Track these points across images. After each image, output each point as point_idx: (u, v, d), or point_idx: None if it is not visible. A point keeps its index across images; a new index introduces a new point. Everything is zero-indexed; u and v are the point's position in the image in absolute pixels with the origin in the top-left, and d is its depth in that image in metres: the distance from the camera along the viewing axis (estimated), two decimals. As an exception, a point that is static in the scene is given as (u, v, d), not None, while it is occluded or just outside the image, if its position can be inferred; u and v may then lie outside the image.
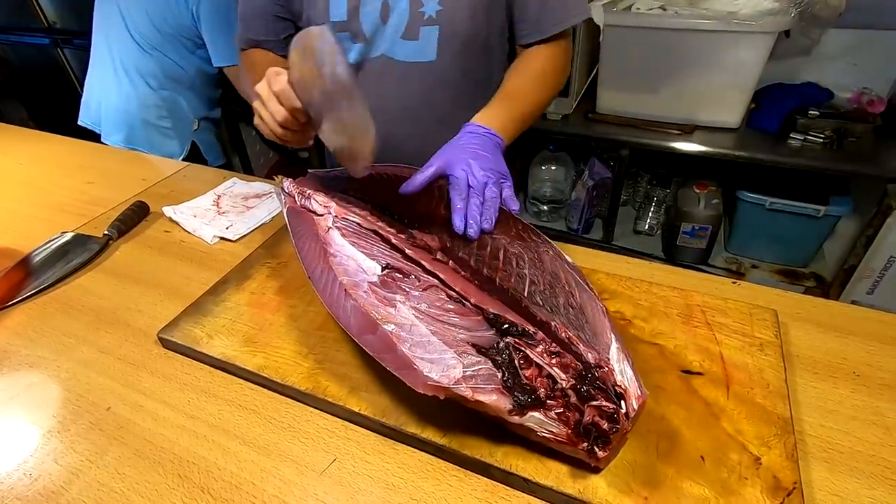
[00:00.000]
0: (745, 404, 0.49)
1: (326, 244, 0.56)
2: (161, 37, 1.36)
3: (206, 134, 1.56)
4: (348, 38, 0.79)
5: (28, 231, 0.87)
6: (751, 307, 0.60)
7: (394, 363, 0.45)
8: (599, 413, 0.40)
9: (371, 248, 0.56)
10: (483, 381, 0.42)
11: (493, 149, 0.66)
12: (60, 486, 0.48)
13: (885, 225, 1.30)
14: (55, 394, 0.58)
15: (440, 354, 0.44)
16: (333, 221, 0.60)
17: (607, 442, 0.40)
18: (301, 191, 0.67)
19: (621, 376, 0.43)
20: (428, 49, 0.78)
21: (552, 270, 0.54)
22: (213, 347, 0.59)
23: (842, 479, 0.45)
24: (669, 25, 1.32)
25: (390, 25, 0.77)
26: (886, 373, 0.54)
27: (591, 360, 0.44)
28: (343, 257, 0.54)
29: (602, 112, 1.56)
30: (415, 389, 0.43)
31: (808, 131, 1.36)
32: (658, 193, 1.74)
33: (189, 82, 1.46)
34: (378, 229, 0.59)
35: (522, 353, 0.45)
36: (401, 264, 0.54)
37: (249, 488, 0.47)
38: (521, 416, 0.42)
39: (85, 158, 1.16)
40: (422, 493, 0.45)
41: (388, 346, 0.45)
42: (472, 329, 0.47)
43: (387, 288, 0.51)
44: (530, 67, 0.79)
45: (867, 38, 1.41)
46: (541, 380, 0.43)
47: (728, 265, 1.64)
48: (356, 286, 0.51)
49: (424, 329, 0.46)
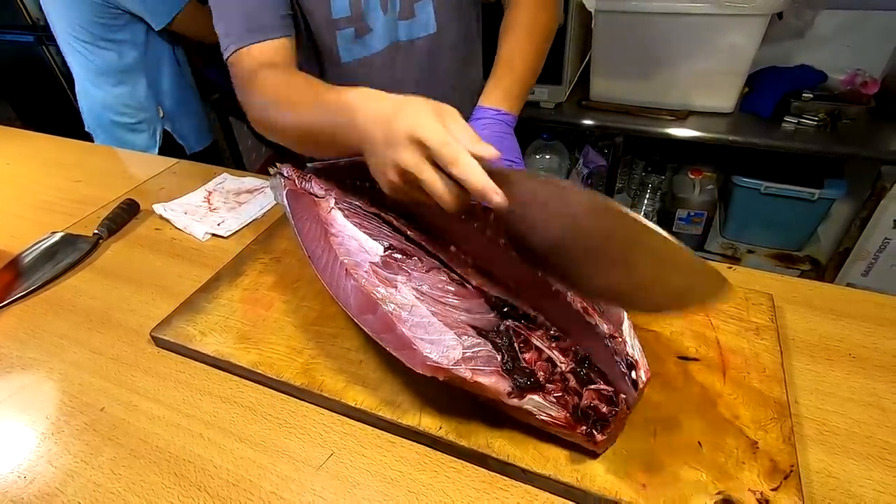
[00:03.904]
0: (741, 389, 0.49)
1: (328, 224, 0.55)
2: (90, 31, 1.30)
3: (177, 119, 1.47)
4: (353, 33, 0.76)
5: (16, 232, 0.86)
6: (746, 292, 0.60)
7: (393, 343, 0.44)
8: (598, 396, 0.40)
9: (374, 229, 0.55)
10: (482, 363, 0.42)
11: (506, 132, 0.66)
12: (55, 487, 0.48)
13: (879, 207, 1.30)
14: (48, 395, 0.57)
15: (440, 335, 0.43)
16: (335, 202, 0.59)
17: (606, 425, 0.40)
18: (301, 174, 0.66)
19: (632, 349, 0.43)
20: (428, 22, 0.78)
21: None
22: (206, 345, 0.59)
23: (839, 461, 0.45)
24: (662, 10, 1.31)
25: (390, 12, 0.76)
26: (882, 354, 0.54)
27: (606, 330, 0.44)
28: (345, 237, 0.54)
29: (595, 99, 1.55)
30: (413, 370, 0.43)
31: (801, 114, 1.36)
32: (653, 180, 1.73)
33: (138, 69, 1.37)
34: (380, 212, 0.58)
35: (523, 336, 0.44)
36: (403, 245, 0.53)
37: (246, 485, 0.47)
38: (520, 398, 0.41)
39: (73, 157, 1.14)
40: (419, 485, 0.45)
41: (387, 326, 0.45)
42: (473, 311, 0.47)
43: (388, 269, 0.50)
44: (519, 24, 0.76)
45: (860, 19, 1.40)
46: (540, 363, 0.43)
47: (724, 250, 1.64)
48: (357, 266, 0.50)
49: (425, 310, 0.45)
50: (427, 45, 0.80)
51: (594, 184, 1.72)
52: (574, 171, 1.69)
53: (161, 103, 1.44)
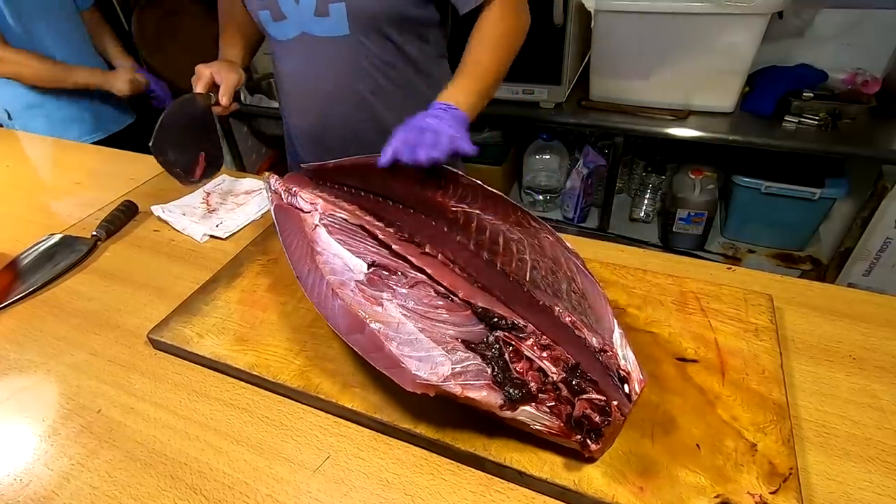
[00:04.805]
0: (740, 391, 0.49)
1: (313, 242, 0.55)
2: None
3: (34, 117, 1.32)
4: (269, 15, 0.83)
5: (15, 234, 0.86)
6: (746, 293, 0.60)
7: (383, 362, 0.44)
8: (591, 406, 0.40)
9: (357, 245, 0.55)
10: (472, 377, 0.42)
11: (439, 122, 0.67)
12: (52, 490, 0.48)
13: (880, 206, 1.30)
14: (45, 397, 0.57)
15: (428, 352, 0.43)
16: (320, 218, 0.58)
17: (599, 434, 0.40)
18: (287, 188, 0.66)
19: (624, 360, 0.43)
20: (341, 24, 0.80)
21: (553, 256, 0.54)
22: (203, 347, 0.58)
23: (838, 463, 0.45)
24: (661, 9, 1.31)
25: (303, 4, 0.79)
26: (882, 355, 0.54)
27: (596, 343, 0.44)
28: (329, 255, 0.53)
29: (595, 99, 1.54)
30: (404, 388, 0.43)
31: (802, 114, 1.35)
32: (653, 180, 1.73)
33: None
34: (365, 224, 0.58)
35: (513, 346, 0.44)
36: (387, 261, 0.53)
37: (242, 488, 0.46)
38: (513, 410, 0.41)
39: (72, 159, 1.14)
40: (416, 487, 0.45)
41: (376, 345, 0.45)
42: (460, 324, 0.47)
43: (373, 286, 0.50)
44: (485, 34, 0.79)
45: (860, 17, 1.39)
46: (532, 373, 0.43)
47: (725, 250, 1.64)
48: (343, 285, 0.50)
49: (412, 327, 0.45)
50: (340, 47, 0.83)
51: (594, 184, 1.71)
52: (574, 171, 1.68)
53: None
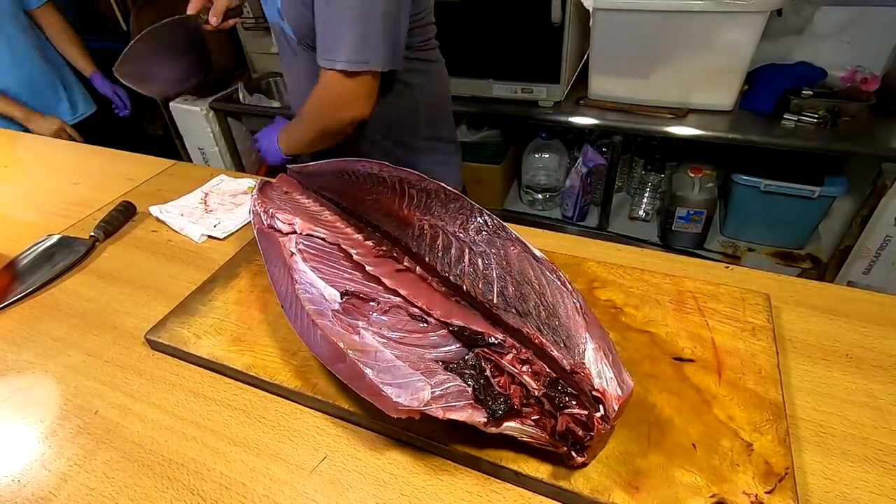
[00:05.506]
0: (736, 390, 0.49)
1: (292, 269, 0.55)
2: None
3: None
4: None
5: (13, 234, 0.86)
6: (743, 292, 0.59)
7: (365, 390, 0.44)
8: (573, 420, 0.40)
9: (331, 273, 0.54)
10: (454, 399, 0.41)
11: None
12: (49, 491, 0.48)
13: (880, 204, 1.30)
14: (43, 398, 0.57)
15: (407, 378, 0.43)
16: (296, 243, 0.58)
17: (583, 448, 0.40)
18: (266, 209, 0.65)
19: (599, 378, 0.41)
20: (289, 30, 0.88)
21: (520, 269, 0.51)
22: (200, 347, 0.58)
23: (835, 463, 0.45)
24: (660, 7, 1.30)
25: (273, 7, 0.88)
26: (879, 354, 0.54)
27: (566, 366, 0.42)
28: (306, 285, 0.53)
29: (594, 98, 1.54)
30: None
31: (801, 111, 1.35)
32: (652, 179, 1.73)
33: None
34: (342, 241, 0.58)
35: (493, 362, 0.44)
36: (360, 287, 0.53)
37: (239, 489, 0.46)
38: (498, 426, 0.41)
39: (70, 159, 1.15)
40: (412, 488, 0.45)
41: (357, 374, 0.44)
42: (438, 346, 0.46)
43: (349, 315, 0.49)
44: (313, 91, 0.87)
45: (859, 15, 1.39)
46: (514, 387, 0.43)
47: (724, 249, 1.64)
48: (321, 314, 0.50)
49: (389, 354, 0.45)
50: (298, 51, 0.91)
51: (594, 182, 1.71)
52: (573, 169, 1.68)
53: None
